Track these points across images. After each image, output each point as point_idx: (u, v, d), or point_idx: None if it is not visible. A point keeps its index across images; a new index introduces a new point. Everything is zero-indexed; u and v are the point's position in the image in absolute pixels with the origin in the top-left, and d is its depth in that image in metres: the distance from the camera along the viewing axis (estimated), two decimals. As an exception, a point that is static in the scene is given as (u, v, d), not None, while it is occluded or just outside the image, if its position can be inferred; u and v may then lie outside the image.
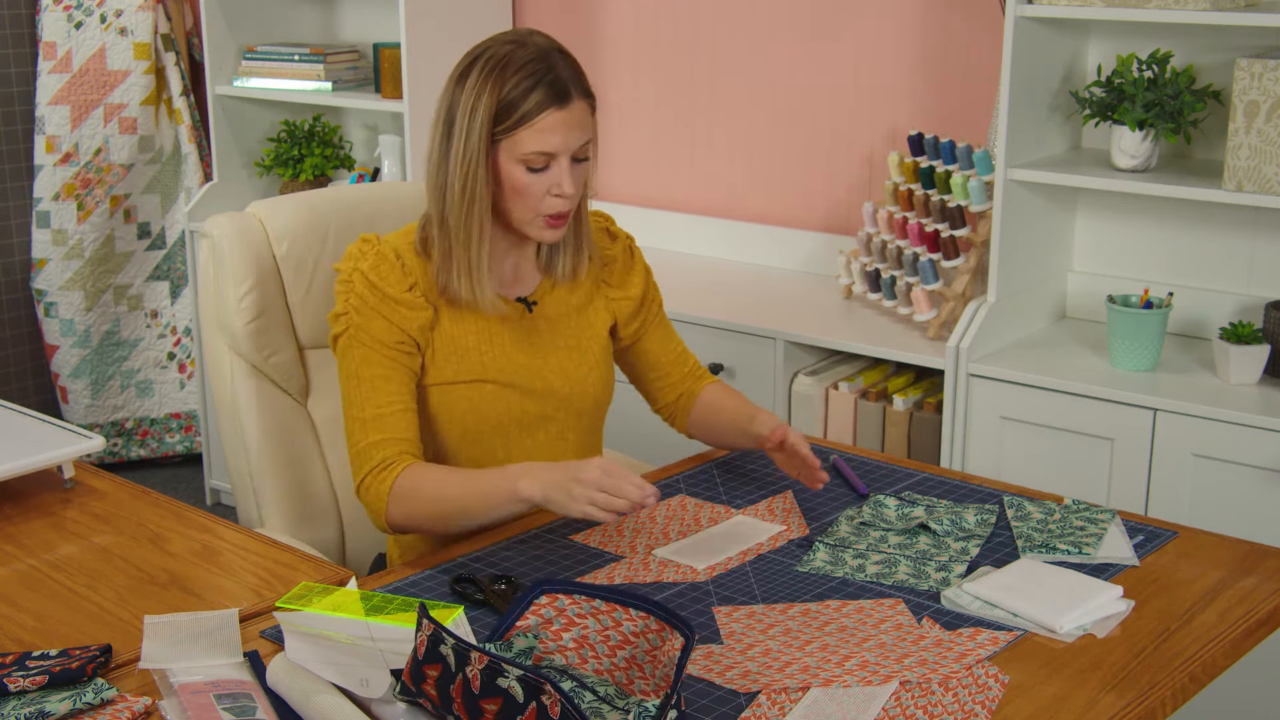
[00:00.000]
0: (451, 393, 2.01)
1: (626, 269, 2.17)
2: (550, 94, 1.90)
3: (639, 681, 1.51)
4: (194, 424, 4.67)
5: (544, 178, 1.93)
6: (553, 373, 2.06)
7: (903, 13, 3.38)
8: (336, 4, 4.35)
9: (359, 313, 1.97)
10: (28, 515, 2.05)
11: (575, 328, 2.10)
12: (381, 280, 1.96)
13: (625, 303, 2.16)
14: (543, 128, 1.90)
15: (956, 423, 2.86)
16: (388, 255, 1.98)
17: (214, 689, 1.50)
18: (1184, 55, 2.90)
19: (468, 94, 1.91)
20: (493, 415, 2.03)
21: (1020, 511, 2.02)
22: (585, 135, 1.94)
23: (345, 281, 1.99)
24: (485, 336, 2.02)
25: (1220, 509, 2.58)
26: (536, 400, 2.05)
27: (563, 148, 1.92)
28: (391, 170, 4.03)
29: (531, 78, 1.90)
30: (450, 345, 2.01)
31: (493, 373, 2.02)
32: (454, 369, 2.01)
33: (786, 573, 1.84)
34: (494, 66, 1.91)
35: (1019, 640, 1.66)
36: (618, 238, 2.18)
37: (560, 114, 1.91)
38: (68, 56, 4.39)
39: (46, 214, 4.43)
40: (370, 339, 1.96)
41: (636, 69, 3.81)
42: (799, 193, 3.63)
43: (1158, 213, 3.02)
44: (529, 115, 1.90)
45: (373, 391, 1.95)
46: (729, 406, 2.16)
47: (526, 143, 1.90)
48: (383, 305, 1.96)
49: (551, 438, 2.08)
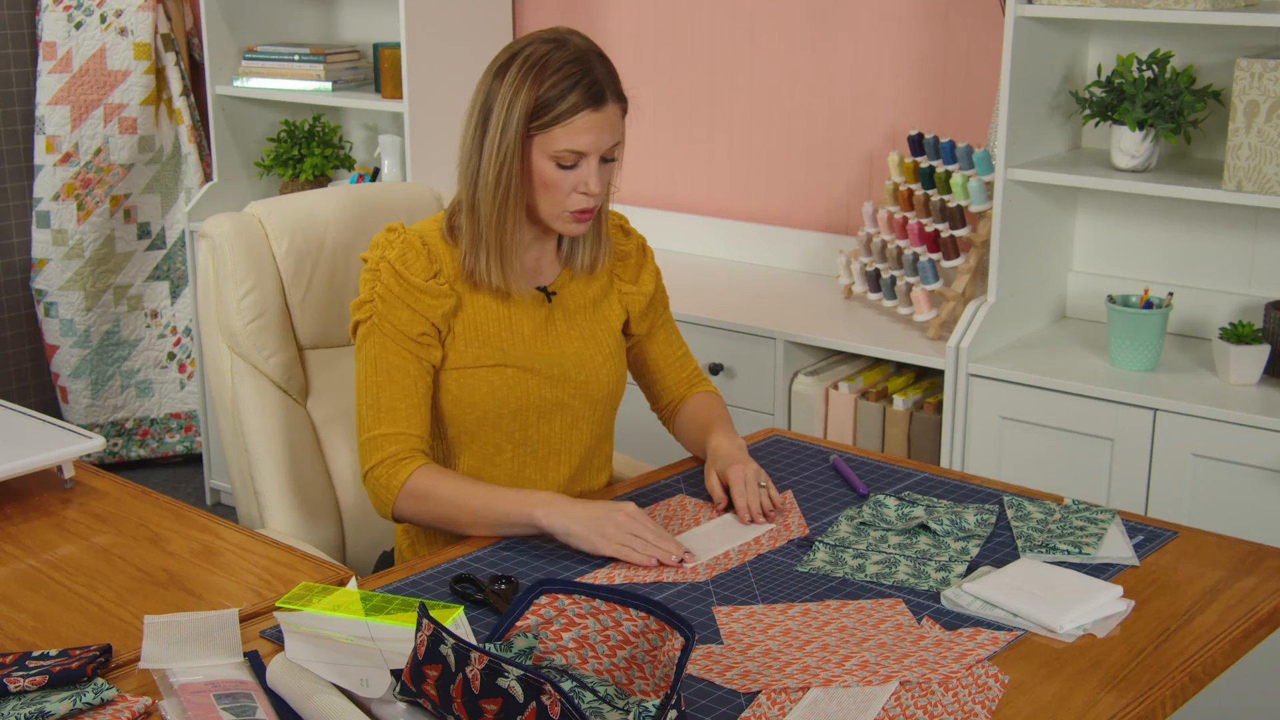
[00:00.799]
0: (473, 376, 2.04)
1: (640, 265, 2.22)
2: (586, 96, 1.95)
3: (639, 681, 1.51)
4: (194, 424, 4.68)
5: (572, 175, 1.98)
6: (569, 360, 2.09)
7: (903, 13, 3.38)
8: (336, 4, 4.35)
9: (384, 301, 2.01)
10: (28, 515, 2.05)
11: (591, 319, 2.14)
12: (407, 269, 2.01)
13: (638, 298, 2.20)
14: (576, 128, 1.95)
15: (956, 423, 2.87)
16: (414, 243, 2.03)
17: (214, 689, 1.50)
18: (1184, 55, 2.90)
19: (506, 87, 1.96)
20: (511, 399, 2.06)
21: (1020, 511, 2.02)
22: (615, 137, 2.00)
23: (372, 270, 2.03)
24: (506, 324, 2.06)
25: (1220, 509, 2.58)
26: (553, 386, 2.08)
27: (593, 148, 1.97)
28: (391, 170, 4.03)
29: (570, 79, 1.95)
30: (472, 330, 2.05)
31: (513, 358, 2.05)
32: (475, 353, 2.04)
33: (786, 573, 1.84)
34: (534, 64, 1.96)
35: (1019, 640, 1.66)
36: (631, 235, 2.23)
37: (595, 116, 1.96)
38: (68, 56, 4.39)
39: (46, 214, 4.43)
40: (392, 329, 2.00)
41: (637, 69, 3.81)
42: (799, 193, 3.63)
43: (1158, 213, 3.02)
44: (564, 115, 1.95)
45: (388, 381, 2.00)
46: (700, 418, 2.22)
47: (560, 140, 1.95)
48: (407, 294, 2.00)
49: (566, 425, 2.11)
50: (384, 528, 2.35)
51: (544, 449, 2.11)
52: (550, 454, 2.11)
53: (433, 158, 3.81)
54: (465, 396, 2.05)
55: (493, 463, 2.09)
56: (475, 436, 2.08)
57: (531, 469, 2.10)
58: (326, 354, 2.35)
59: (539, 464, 2.11)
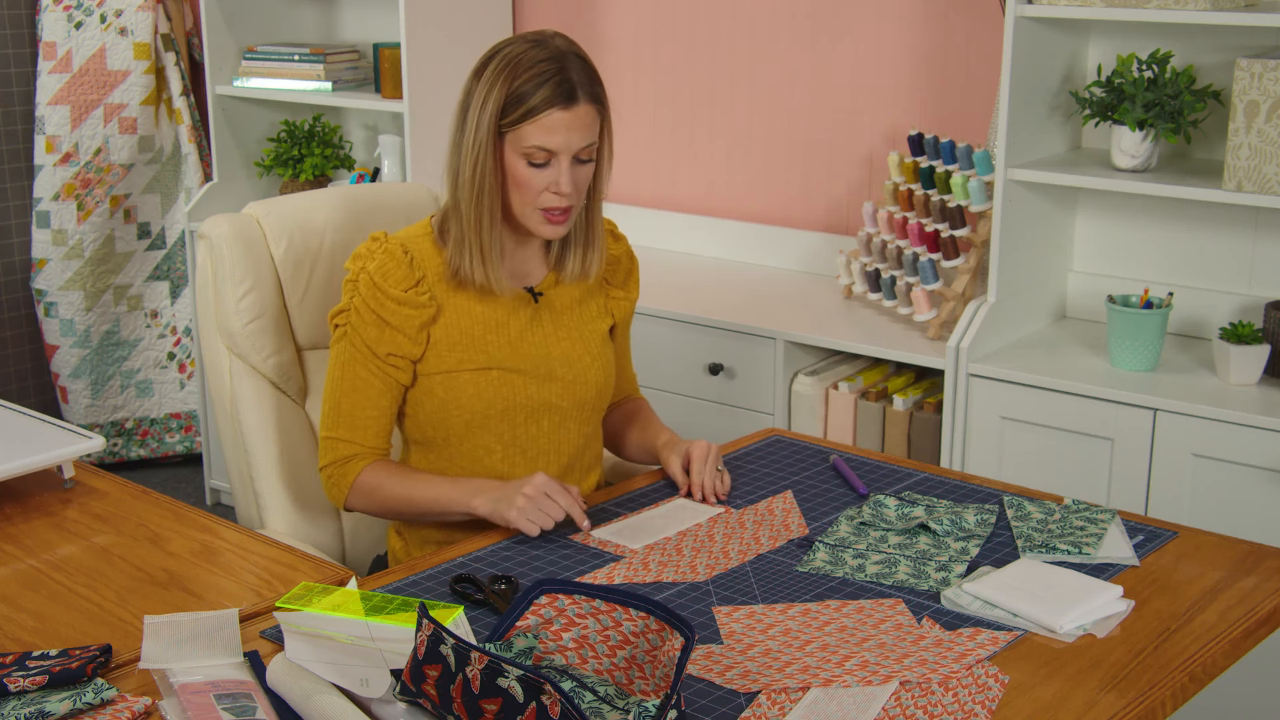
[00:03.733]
0: (457, 380, 2.05)
1: (628, 273, 2.24)
2: (556, 93, 1.95)
3: (639, 681, 1.51)
4: (194, 424, 4.67)
5: (544, 174, 1.98)
6: (557, 361, 2.10)
7: (903, 13, 3.38)
8: (336, 4, 4.35)
9: (358, 314, 2.03)
10: (28, 515, 2.05)
11: (578, 320, 2.15)
12: (385, 280, 2.02)
13: (625, 304, 2.23)
14: (546, 125, 1.95)
15: (956, 423, 2.86)
16: (395, 252, 2.03)
17: (214, 689, 1.50)
18: (1184, 55, 2.90)
19: (482, 85, 1.98)
20: (498, 401, 2.06)
21: (1020, 511, 2.02)
22: (587, 138, 1.99)
23: (351, 281, 2.05)
24: (492, 325, 2.06)
25: (1220, 509, 2.58)
26: (540, 386, 2.08)
27: (563, 147, 1.96)
28: (391, 170, 4.03)
29: (541, 76, 1.95)
30: (455, 335, 2.05)
31: (499, 360, 2.06)
32: (458, 357, 2.05)
33: (786, 573, 1.84)
34: (509, 62, 1.97)
35: (1019, 640, 1.66)
36: (620, 240, 2.24)
37: (564, 114, 1.95)
38: (68, 56, 4.39)
39: (46, 214, 4.43)
40: (362, 343, 2.03)
41: (637, 69, 3.81)
42: (799, 193, 3.63)
43: (1158, 213, 3.02)
44: (533, 111, 1.95)
45: (351, 390, 2.05)
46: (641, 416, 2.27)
47: (529, 137, 1.96)
48: (382, 308, 2.01)
49: (555, 425, 2.12)
50: (383, 527, 2.35)
51: (533, 449, 2.11)
52: (539, 454, 2.11)
53: (433, 158, 3.81)
54: (452, 400, 2.05)
55: (482, 464, 2.09)
56: (464, 439, 2.08)
57: (521, 469, 2.10)
58: (325, 354, 2.35)
59: (528, 464, 2.11)
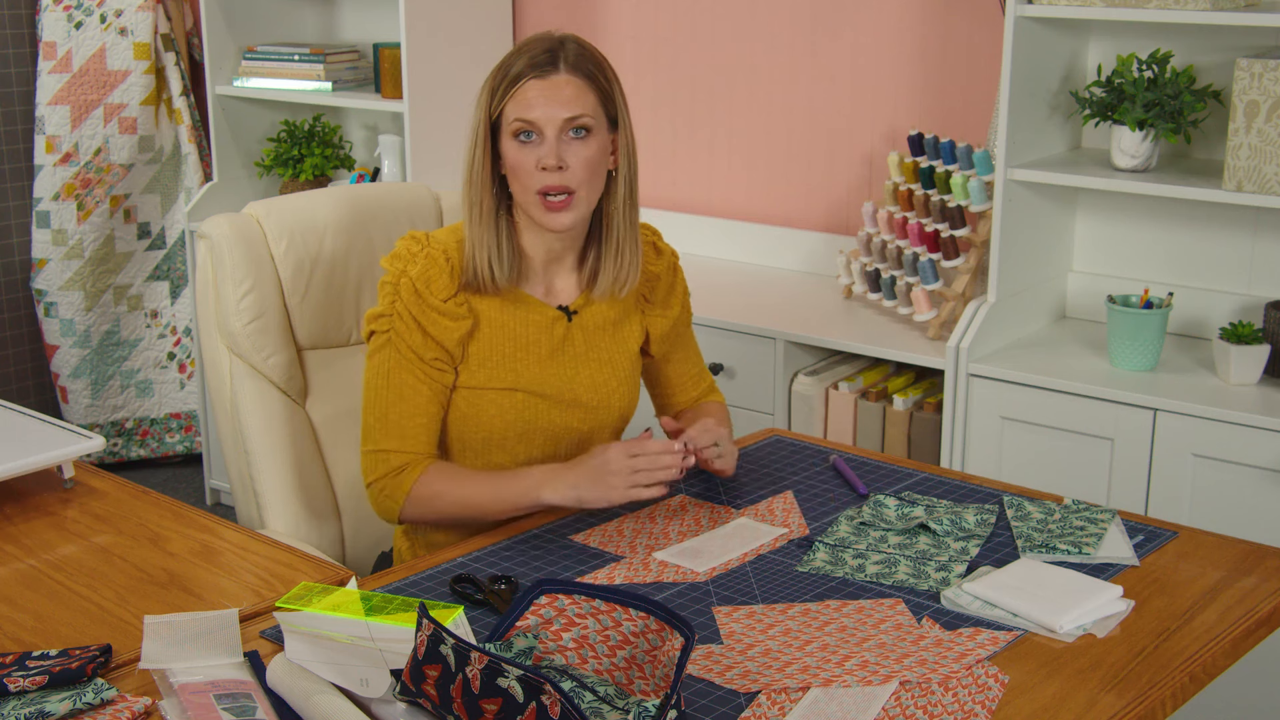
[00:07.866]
0: (482, 397, 2.03)
1: (669, 289, 2.17)
2: (532, 64, 1.94)
3: (639, 681, 1.51)
4: (194, 424, 4.67)
5: (532, 150, 1.94)
6: (582, 386, 2.07)
7: (903, 13, 3.38)
8: (336, 4, 4.35)
9: (401, 319, 1.98)
10: (28, 515, 2.04)
11: (610, 341, 2.11)
12: (427, 288, 1.98)
13: (662, 321, 2.17)
14: (525, 97, 1.93)
15: (956, 423, 2.86)
16: (437, 258, 1.99)
17: (214, 689, 1.50)
18: (1184, 55, 2.90)
19: (485, 80, 1.99)
20: (519, 423, 2.04)
21: (1020, 511, 2.02)
22: (571, 110, 1.94)
23: (391, 284, 2.00)
24: (523, 344, 2.03)
25: (1220, 509, 2.58)
26: (564, 411, 2.06)
27: (546, 119, 1.93)
28: (391, 170, 4.03)
29: (524, 53, 1.95)
30: (486, 351, 2.02)
31: (524, 382, 2.03)
32: (486, 375, 2.02)
33: (786, 573, 1.84)
34: (509, 52, 1.98)
35: (1019, 640, 1.66)
36: (663, 253, 2.17)
37: (540, 83, 1.93)
38: (68, 56, 4.39)
39: (46, 214, 4.43)
40: (407, 349, 1.99)
41: (636, 69, 3.81)
42: (799, 193, 3.63)
43: (1158, 213, 3.02)
44: (512, 83, 1.94)
45: (399, 399, 1.99)
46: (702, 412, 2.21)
47: (511, 112, 1.95)
48: (424, 315, 1.98)
49: (573, 447, 2.10)
50: (384, 528, 2.35)
51: None
52: None
53: (433, 158, 3.81)
54: (473, 415, 2.04)
55: None
56: (480, 454, 2.07)
57: None
58: (325, 354, 2.35)
59: None
